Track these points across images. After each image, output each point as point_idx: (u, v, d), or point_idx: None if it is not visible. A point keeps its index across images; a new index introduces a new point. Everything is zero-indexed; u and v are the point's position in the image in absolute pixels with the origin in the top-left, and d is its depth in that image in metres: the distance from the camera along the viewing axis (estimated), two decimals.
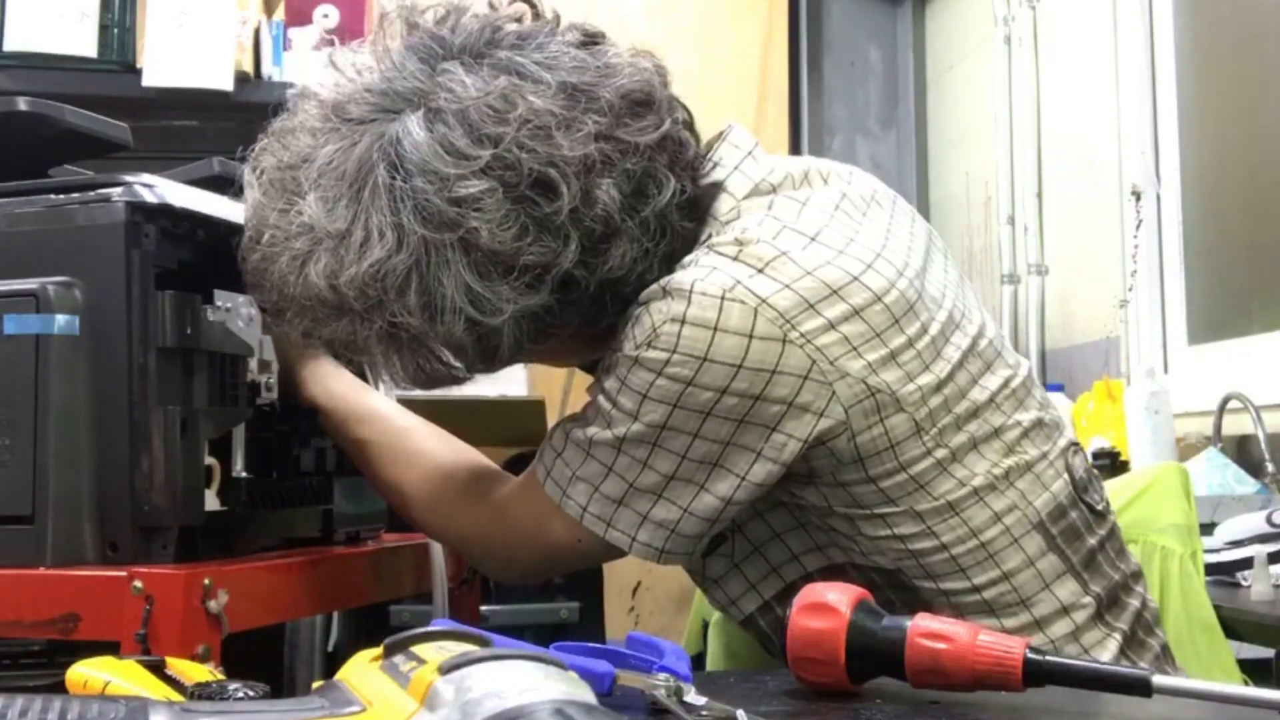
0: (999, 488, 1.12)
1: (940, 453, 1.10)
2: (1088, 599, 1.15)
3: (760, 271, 1.06)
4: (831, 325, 1.06)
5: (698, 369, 1.05)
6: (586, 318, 1.12)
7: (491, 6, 1.14)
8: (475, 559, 1.32)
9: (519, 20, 1.13)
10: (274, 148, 1.12)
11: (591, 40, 1.13)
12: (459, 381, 1.17)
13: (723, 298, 1.05)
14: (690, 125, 1.16)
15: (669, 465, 1.09)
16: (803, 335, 1.05)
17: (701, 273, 1.07)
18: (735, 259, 1.07)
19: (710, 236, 1.12)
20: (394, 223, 1.04)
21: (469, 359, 1.11)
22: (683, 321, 1.05)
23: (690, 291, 1.05)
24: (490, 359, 1.12)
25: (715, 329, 1.04)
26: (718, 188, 1.15)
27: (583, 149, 1.05)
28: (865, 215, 1.16)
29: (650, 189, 1.09)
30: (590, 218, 1.05)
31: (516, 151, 1.03)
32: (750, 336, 1.04)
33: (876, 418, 1.07)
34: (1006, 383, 1.15)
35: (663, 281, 1.07)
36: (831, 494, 1.12)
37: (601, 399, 1.11)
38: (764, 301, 1.05)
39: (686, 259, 1.10)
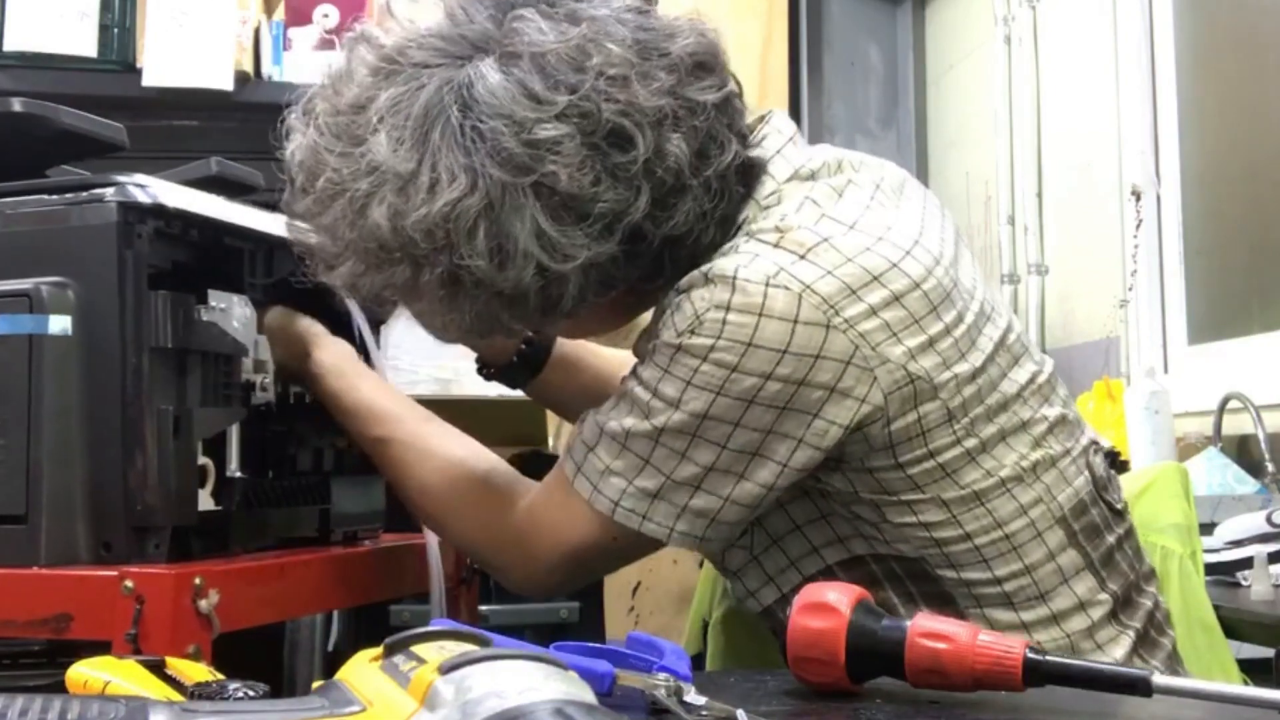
0: (1025, 480, 1.12)
1: (970, 442, 1.10)
2: (1104, 595, 1.16)
3: (802, 258, 1.06)
4: (873, 311, 1.06)
5: (743, 354, 1.05)
6: (646, 273, 1.11)
7: None
8: (500, 567, 1.25)
9: None
10: (328, 94, 1.09)
11: (645, 8, 1.12)
12: (510, 335, 1.15)
13: (767, 284, 1.05)
14: (741, 98, 1.16)
15: (709, 456, 1.08)
16: (846, 321, 1.05)
17: (744, 259, 1.06)
18: (777, 245, 1.07)
19: (750, 220, 1.12)
20: (466, 165, 1.03)
21: (528, 308, 1.10)
22: (727, 308, 1.05)
23: (734, 278, 1.05)
24: (550, 310, 1.10)
25: (760, 314, 1.04)
26: (763, 166, 1.15)
27: (657, 100, 1.05)
28: (899, 204, 1.16)
29: (712, 149, 1.09)
30: (662, 169, 1.05)
31: (595, 98, 1.03)
32: (795, 322, 1.04)
33: (912, 404, 1.07)
34: (1033, 378, 1.16)
35: (704, 269, 1.07)
36: (858, 479, 1.12)
37: (639, 389, 1.10)
38: (808, 287, 1.05)
39: (726, 245, 1.10)
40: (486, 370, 1.45)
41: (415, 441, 1.25)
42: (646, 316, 1.20)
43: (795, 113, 4.14)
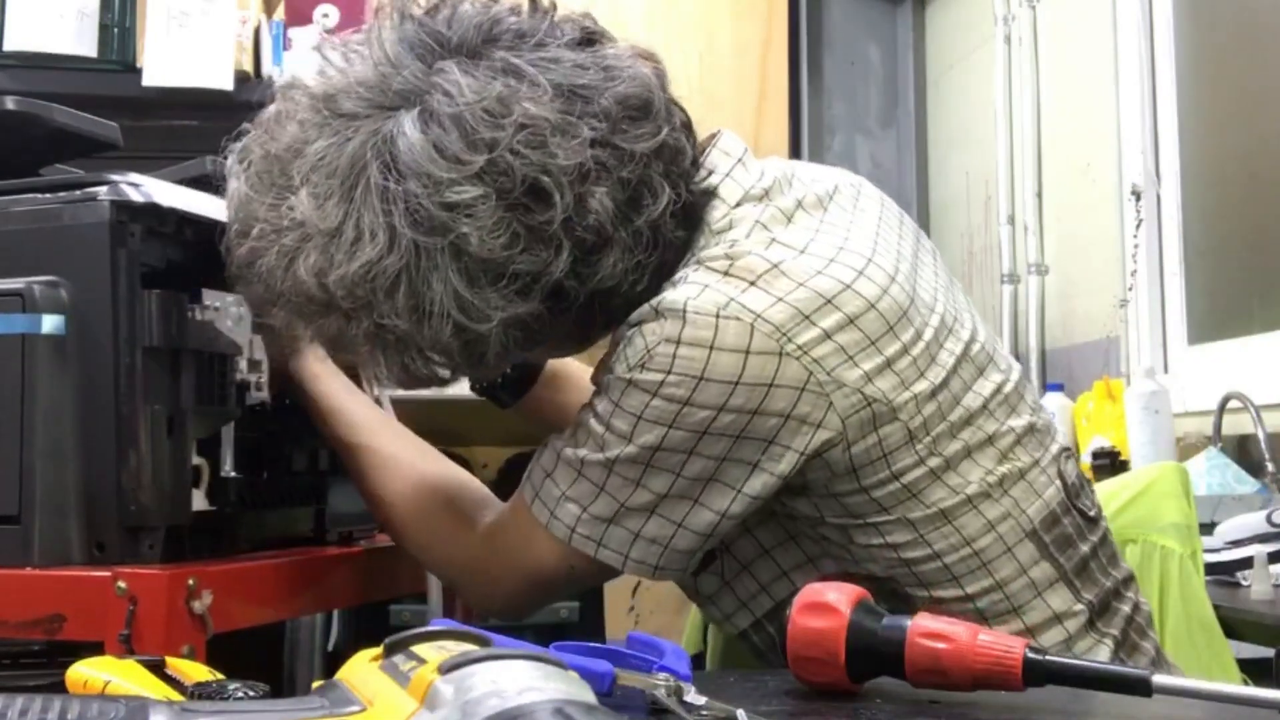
0: (993, 495, 1.11)
1: (934, 461, 1.09)
2: (1080, 607, 1.15)
3: (752, 285, 1.05)
4: (827, 335, 1.05)
5: (694, 388, 1.04)
6: (575, 326, 1.11)
7: None
8: (460, 587, 1.28)
9: (516, 13, 1.11)
10: (261, 139, 1.10)
11: (590, 39, 1.11)
12: (444, 383, 1.15)
13: (718, 315, 1.04)
14: (689, 128, 1.14)
15: (663, 484, 1.08)
16: (799, 347, 1.04)
17: (693, 291, 1.05)
18: (726, 274, 1.06)
19: (702, 246, 1.11)
20: (386, 224, 1.03)
21: (455, 362, 1.11)
22: (678, 341, 1.04)
23: (684, 311, 1.04)
24: (476, 363, 1.11)
25: (712, 347, 1.03)
26: (711, 194, 1.13)
27: (578, 156, 1.04)
28: (854, 217, 1.15)
29: (645, 198, 1.07)
30: (583, 227, 1.04)
31: (510, 158, 1.02)
32: (747, 353, 1.03)
33: (872, 427, 1.06)
34: (999, 388, 1.14)
35: (654, 302, 1.06)
36: (824, 504, 1.11)
37: (593, 421, 1.09)
38: (759, 316, 1.04)
39: (676, 275, 1.09)
40: (479, 385, 1.45)
41: (389, 452, 1.26)
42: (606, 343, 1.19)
43: (795, 113, 4.14)
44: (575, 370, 1.45)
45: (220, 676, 0.75)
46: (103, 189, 1.12)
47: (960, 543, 1.11)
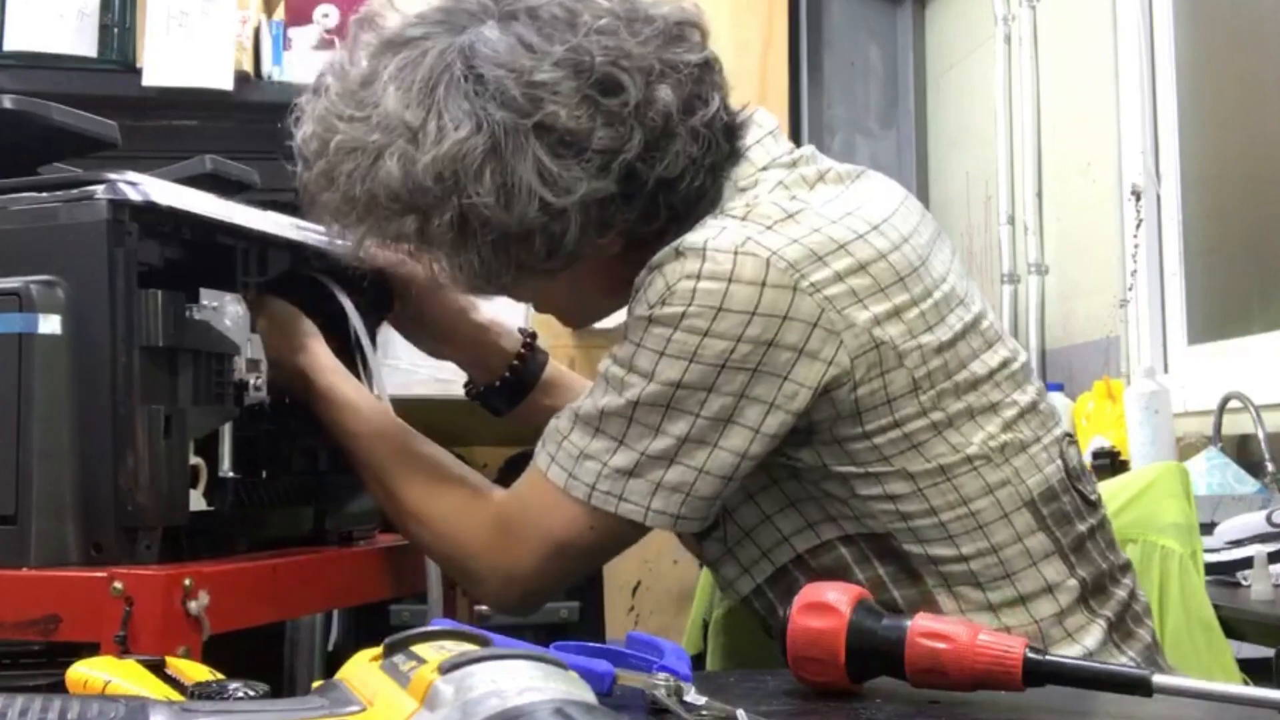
0: (994, 460, 1.14)
1: (936, 415, 1.12)
2: (1073, 581, 1.17)
3: (769, 228, 1.11)
4: (840, 277, 1.10)
5: (713, 319, 1.08)
6: (642, 216, 1.16)
7: None
8: (478, 576, 1.23)
9: None
10: (336, 72, 1.17)
11: None
12: (518, 282, 1.18)
13: (736, 252, 1.09)
14: (720, 65, 1.22)
15: (683, 427, 1.10)
16: (812, 285, 1.09)
17: (712, 232, 1.11)
18: (745, 219, 1.12)
19: (727, 198, 1.17)
20: (470, 111, 1.11)
21: (533, 248, 1.14)
22: (698, 277, 1.09)
23: (704, 249, 1.09)
24: (555, 249, 1.15)
25: (730, 280, 1.08)
26: (743, 152, 1.19)
27: (644, 51, 1.13)
28: (875, 195, 1.20)
29: (697, 104, 1.16)
30: (652, 114, 1.13)
31: (587, 47, 1.12)
32: (763, 285, 1.08)
33: (878, 370, 1.10)
34: (1006, 363, 1.18)
35: (674, 244, 1.11)
36: (826, 452, 1.13)
37: (613, 366, 1.13)
38: (775, 253, 1.09)
39: (698, 225, 1.14)
40: (474, 390, 1.45)
41: (398, 442, 1.27)
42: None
43: (795, 113, 4.14)
44: (574, 379, 1.47)
45: (220, 676, 0.75)
46: (100, 188, 1.12)
47: (957, 501, 1.13)
